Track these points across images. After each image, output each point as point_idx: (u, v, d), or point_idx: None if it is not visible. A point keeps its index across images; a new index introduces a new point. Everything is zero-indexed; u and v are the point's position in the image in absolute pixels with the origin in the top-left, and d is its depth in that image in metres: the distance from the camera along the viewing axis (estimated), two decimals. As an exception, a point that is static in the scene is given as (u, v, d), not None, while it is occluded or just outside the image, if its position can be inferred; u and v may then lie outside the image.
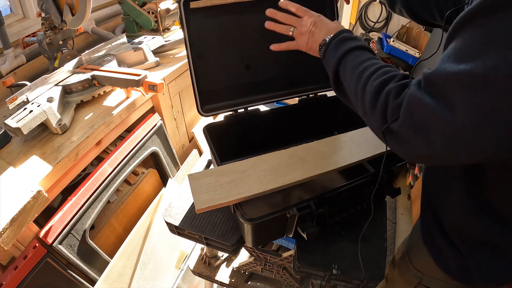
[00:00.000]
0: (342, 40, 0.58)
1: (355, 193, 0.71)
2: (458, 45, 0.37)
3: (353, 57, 0.55)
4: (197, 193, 0.62)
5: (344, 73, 0.56)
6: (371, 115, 0.47)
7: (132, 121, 1.25)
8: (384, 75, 0.47)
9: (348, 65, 0.55)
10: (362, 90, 0.49)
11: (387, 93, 0.44)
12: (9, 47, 1.29)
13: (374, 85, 0.47)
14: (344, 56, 0.56)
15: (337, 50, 0.58)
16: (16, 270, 0.85)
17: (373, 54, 0.56)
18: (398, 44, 2.11)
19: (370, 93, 0.47)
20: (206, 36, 0.79)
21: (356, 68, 0.53)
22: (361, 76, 0.51)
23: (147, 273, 1.25)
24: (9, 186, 0.83)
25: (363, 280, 0.68)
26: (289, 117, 0.95)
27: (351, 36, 0.59)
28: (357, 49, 0.56)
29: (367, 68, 0.51)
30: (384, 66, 0.51)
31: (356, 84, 0.51)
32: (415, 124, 0.39)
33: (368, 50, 0.57)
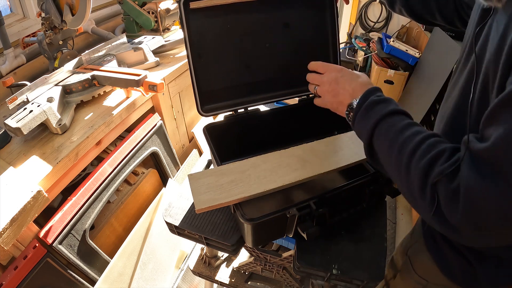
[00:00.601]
0: (371, 105, 0.51)
1: (355, 193, 0.71)
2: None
3: (389, 126, 0.48)
4: (197, 193, 0.62)
5: (380, 146, 0.49)
6: (421, 200, 0.42)
7: (132, 121, 1.25)
8: (430, 150, 0.42)
9: (384, 136, 0.48)
10: (406, 169, 0.43)
11: (437, 175, 0.39)
12: (9, 47, 1.29)
13: (421, 166, 0.41)
14: (377, 126, 0.49)
15: (368, 118, 0.51)
16: (16, 270, 0.85)
17: (409, 118, 0.49)
18: (398, 44, 2.11)
19: (416, 175, 0.41)
20: (206, 36, 0.79)
21: (394, 140, 0.46)
22: (403, 151, 0.44)
23: (147, 273, 1.25)
24: (9, 186, 0.83)
25: (363, 280, 0.68)
26: (289, 117, 0.95)
27: (380, 97, 0.52)
28: (391, 114, 0.49)
29: (409, 141, 0.44)
30: (428, 137, 0.44)
31: (397, 161, 0.45)
32: (478, 221, 0.36)
33: (404, 113, 0.50)
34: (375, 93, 0.53)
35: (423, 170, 0.41)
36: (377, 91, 0.54)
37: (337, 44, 0.91)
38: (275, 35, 0.86)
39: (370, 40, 2.42)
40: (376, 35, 2.45)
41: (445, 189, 0.38)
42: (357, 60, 2.47)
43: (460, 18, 0.68)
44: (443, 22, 0.72)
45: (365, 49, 2.37)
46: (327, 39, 0.91)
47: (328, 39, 0.91)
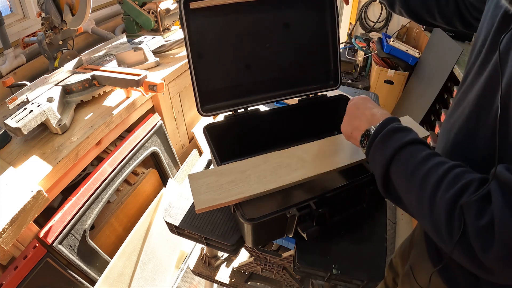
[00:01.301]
0: (391, 132, 0.48)
1: (355, 193, 0.71)
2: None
3: (409, 155, 0.45)
4: (197, 193, 0.62)
5: (399, 176, 0.46)
6: (447, 235, 0.39)
7: (132, 121, 1.25)
8: (457, 181, 0.39)
9: (404, 166, 0.45)
10: (430, 202, 0.40)
11: (463, 209, 0.37)
12: (9, 47, 1.29)
13: (447, 197, 0.38)
14: (396, 154, 0.46)
15: (386, 147, 0.47)
16: (16, 270, 0.85)
17: (430, 149, 0.46)
18: (398, 44, 2.11)
19: (442, 207, 0.39)
20: (206, 36, 0.79)
21: (416, 171, 0.43)
22: (427, 182, 0.41)
23: (147, 273, 1.25)
24: (9, 186, 0.83)
25: (363, 280, 0.68)
26: (289, 117, 0.95)
27: (400, 125, 0.49)
28: (412, 144, 0.46)
29: (433, 171, 0.41)
30: (453, 167, 0.41)
31: (419, 193, 0.42)
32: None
33: (425, 144, 0.47)
34: (395, 121, 0.51)
35: (450, 202, 0.38)
36: (397, 120, 0.52)
37: (337, 44, 0.91)
38: (275, 35, 0.86)
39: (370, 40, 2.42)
40: (376, 35, 2.45)
41: (474, 222, 0.35)
42: (357, 60, 2.47)
43: (461, 19, 0.68)
44: (443, 23, 0.71)
45: (365, 49, 2.37)
46: (327, 39, 0.91)
47: (328, 39, 0.91)
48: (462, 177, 0.39)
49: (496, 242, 0.34)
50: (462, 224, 0.37)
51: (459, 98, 0.55)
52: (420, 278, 0.65)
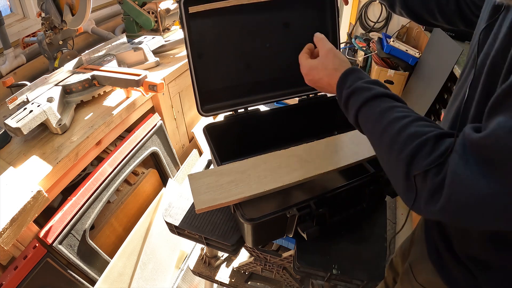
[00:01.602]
0: (347, 98, 0.52)
1: (355, 193, 0.71)
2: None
3: (369, 113, 0.48)
4: (197, 193, 0.62)
5: (365, 133, 0.49)
6: (404, 193, 0.41)
7: (132, 121, 1.25)
8: (409, 143, 0.40)
9: (365, 126, 0.49)
10: (388, 162, 0.43)
11: (422, 168, 0.38)
12: (9, 47, 1.29)
13: (402, 158, 0.40)
14: (358, 115, 0.50)
15: (348, 110, 0.52)
16: (16, 270, 0.85)
17: (392, 101, 0.48)
18: (398, 44, 2.11)
19: (400, 170, 0.40)
20: (206, 36, 0.79)
21: (372, 129, 0.46)
22: (382, 142, 0.44)
23: (147, 273, 1.25)
24: (9, 186, 0.83)
25: (363, 280, 0.68)
26: (289, 117, 0.95)
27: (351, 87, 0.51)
28: (374, 98, 0.48)
29: (387, 131, 0.43)
30: (406, 126, 0.42)
31: (378, 150, 0.46)
32: (462, 210, 0.34)
33: (387, 96, 0.49)
34: (345, 84, 0.53)
35: (405, 164, 0.39)
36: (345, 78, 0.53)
37: (338, 44, 0.91)
38: (275, 35, 0.86)
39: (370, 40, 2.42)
40: (376, 35, 2.45)
41: (431, 182, 0.37)
42: (357, 60, 2.47)
43: (462, 17, 0.67)
44: (444, 23, 0.71)
45: (365, 49, 2.37)
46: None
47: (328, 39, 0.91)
48: (416, 136, 0.40)
49: (444, 193, 0.35)
50: (415, 188, 0.38)
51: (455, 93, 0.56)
52: (419, 277, 0.65)
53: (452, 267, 0.55)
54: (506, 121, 0.31)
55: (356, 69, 0.54)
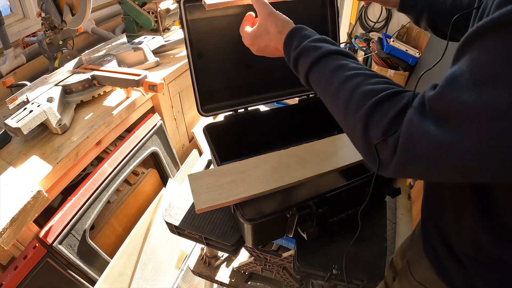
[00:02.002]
0: (295, 60, 0.50)
1: (355, 193, 0.71)
2: (472, 63, 0.31)
3: (319, 73, 0.47)
4: (197, 193, 0.62)
5: (317, 90, 0.48)
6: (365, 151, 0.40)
7: (132, 121, 1.25)
8: (370, 97, 0.39)
9: (316, 86, 0.48)
10: (345, 122, 0.42)
11: (380, 136, 0.37)
12: (9, 47, 1.29)
13: (358, 117, 0.39)
14: (308, 76, 0.48)
15: (297, 70, 0.50)
16: (16, 270, 0.85)
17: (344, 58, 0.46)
18: (398, 44, 2.11)
19: (358, 129, 0.39)
20: (206, 36, 0.79)
21: (326, 87, 0.45)
22: (336, 101, 0.43)
23: (147, 273, 1.25)
24: (9, 186, 0.83)
25: (363, 280, 0.68)
26: (289, 117, 0.95)
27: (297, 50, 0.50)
28: (325, 56, 0.47)
29: (340, 89, 0.42)
30: (359, 85, 0.41)
31: (333, 109, 0.45)
32: (415, 156, 0.34)
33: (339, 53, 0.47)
34: (291, 46, 0.51)
35: (362, 127, 0.38)
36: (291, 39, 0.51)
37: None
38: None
39: (370, 40, 2.42)
40: (376, 35, 2.45)
41: (391, 146, 0.36)
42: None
43: None
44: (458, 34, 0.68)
45: (365, 49, 2.37)
46: (327, 39, 0.91)
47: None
48: (371, 96, 0.39)
49: (401, 140, 0.34)
50: (377, 155, 0.38)
51: None
52: (416, 274, 0.65)
53: (448, 263, 0.55)
54: (453, 72, 0.32)
55: (300, 28, 0.52)
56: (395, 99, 0.38)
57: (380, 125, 0.37)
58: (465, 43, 0.32)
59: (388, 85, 0.40)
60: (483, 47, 0.30)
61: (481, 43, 0.30)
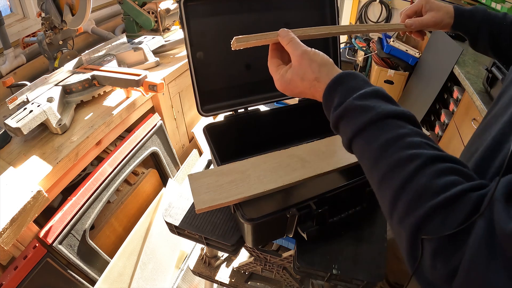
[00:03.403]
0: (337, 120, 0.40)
1: (355, 193, 0.71)
2: None
3: (367, 141, 0.36)
4: (197, 193, 0.62)
5: (361, 162, 0.39)
6: (407, 260, 0.31)
7: (132, 121, 1.25)
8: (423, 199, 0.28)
9: (361, 155, 0.38)
10: (391, 214, 0.33)
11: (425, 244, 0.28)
12: (9, 47, 1.29)
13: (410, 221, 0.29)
14: (352, 142, 0.39)
15: (341, 132, 0.41)
16: (16, 270, 0.85)
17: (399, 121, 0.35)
18: (398, 44, 2.11)
19: (404, 231, 0.30)
20: (206, 36, 0.79)
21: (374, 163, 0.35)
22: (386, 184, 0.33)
23: (147, 273, 1.25)
24: (9, 186, 0.83)
25: (363, 280, 0.68)
26: (289, 117, 0.95)
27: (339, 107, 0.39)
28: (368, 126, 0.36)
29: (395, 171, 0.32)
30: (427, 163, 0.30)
31: (379, 193, 0.36)
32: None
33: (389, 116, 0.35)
34: (332, 103, 0.41)
35: (412, 225, 0.29)
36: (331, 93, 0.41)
37: (337, 44, 0.91)
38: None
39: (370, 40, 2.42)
40: (376, 35, 2.45)
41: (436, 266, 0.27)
42: (357, 60, 2.47)
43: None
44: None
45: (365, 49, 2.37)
46: (327, 39, 0.91)
47: (328, 39, 0.91)
48: (428, 193, 0.28)
49: (455, 283, 0.26)
50: (420, 258, 0.29)
51: (495, 114, 0.46)
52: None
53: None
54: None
55: (344, 76, 0.41)
56: (458, 204, 0.27)
57: (432, 243, 0.27)
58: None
59: (453, 177, 0.29)
60: None
61: None
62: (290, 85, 0.47)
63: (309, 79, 0.44)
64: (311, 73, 0.44)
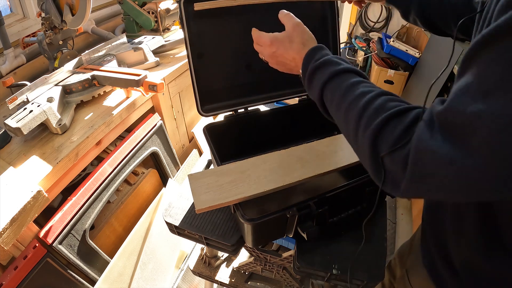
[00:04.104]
0: (312, 72, 0.51)
1: (355, 193, 0.71)
2: (480, 73, 0.30)
3: (333, 89, 0.47)
4: (197, 193, 0.62)
5: (330, 108, 0.49)
6: (373, 174, 0.41)
7: (132, 121, 1.25)
8: (375, 116, 0.39)
9: (330, 101, 0.48)
10: (355, 139, 0.42)
11: (387, 149, 0.37)
12: (9, 47, 1.29)
13: (367, 136, 0.39)
14: (323, 92, 0.49)
15: (313, 88, 0.51)
16: (16, 270, 0.85)
17: (358, 77, 0.47)
18: (398, 44, 2.11)
19: (366, 147, 0.40)
20: (206, 36, 0.79)
21: (340, 103, 0.45)
22: (348, 117, 0.43)
23: (147, 273, 1.25)
24: (9, 186, 0.83)
25: (363, 280, 0.68)
26: (289, 117, 0.95)
27: (317, 62, 0.51)
28: (336, 75, 0.48)
29: (353, 105, 0.43)
30: (372, 99, 0.41)
31: (345, 126, 0.45)
32: (425, 174, 0.33)
33: (353, 71, 0.48)
34: (313, 58, 0.52)
35: (370, 142, 0.38)
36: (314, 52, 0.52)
37: (338, 44, 0.91)
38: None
39: (370, 40, 2.42)
40: (376, 35, 2.45)
41: (398, 160, 0.36)
42: (357, 60, 2.47)
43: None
44: (462, 34, 0.67)
45: (365, 49, 2.37)
46: (327, 39, 0.91)
47: (329, 39, 0.91)
48: (382, 111, 0.39)
49: (410, 160, 0.34)
50: (384, 169, 0.38)
51: None
52: (414, 283, 0.65)
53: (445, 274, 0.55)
54: (460, 85, 0.32)
55: (323, 46, 0.54)
56: (404, 115, 0.38)
57: (389, 140, 0.37)
58: (471, 54, 0.31)
59: (398, 103, 0.40)
60: (490, 56, 0.29)
61: (488, 52, 0.29)
62: (278, 42, 0.57)
63: (297, 42, 0.55)
64: (300, 39, 0.55)
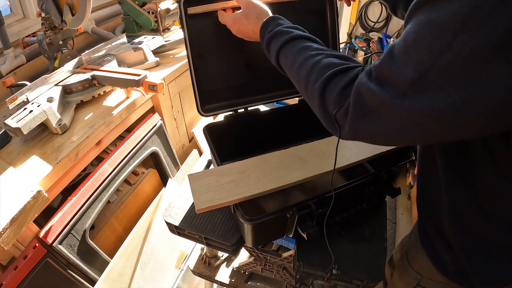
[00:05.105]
0: (269, 41, 0.58)
1: (355, 193, 0.71)
2: (407, 32, 0.36)
3: (286, 56, 0.55)
4: (197, 193, 0.62)
5: (285, 69, 0.56)
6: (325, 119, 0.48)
7: (132, 121, 1.25)
8: (323, 72, 0.46)
9: (284, 60, 0.55)
10: (306, 91, 0.49)
11: (334, 107, 0.44)
12: (9, 47, 1.29)
13: (316, 88, 0.46)
14: (278, 57, 0.56)
15: (270, 54, 0.59)
16: (16, 270, 0.85)
17: (309, 42, 0.55)
18: (398, 44, 2.11)
19: (315, 97, 0.46)
20: (206, 36, 0.79)
21: (292, 64, 0.52)
22: (299, 75, 0.50)
23: (147, 273, 1.25)
24: (9, 186, 0.83)
25: (363, 280, 0.68)
26: (289, 117, 0.95)
27: (271, 32, 0.58)
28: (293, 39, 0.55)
29: (303, 65, 0.50)
30: (320, 60, 0.48)
31: (298, 83, 0.52)
32: (364, 113, 0.40)
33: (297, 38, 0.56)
34: (266, 30, 0.59)
35: (319, 96, 0.45)
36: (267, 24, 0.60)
37: (337, 44, 0.91)
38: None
39: (370, 40, 2.42)
40: (376, 35, 2.45)
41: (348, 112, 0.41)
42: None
43: None
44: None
45: (365, 49, 2.37)
46: (327, 39, 0.91)
47: (328, 39, 0.91)
48: (330, 67, 0.45)
49: (351, 98, 0.40)
50: (337, 124, 0.45)
51: None
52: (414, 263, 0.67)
53: (442, 252, 0.57)
54: (393, 43, 0.38)
55: (277, 17, 0.61)
56: (348, 71, 0.44)
57: (333, 93, 0.43)
58: (406, 19, 0.37)
59: (346, 61, 0.46)
60: (415, 18, 0.35)
61: (415, 15, 0.35)
62: (237, 21, 0.69)
63: (252, 17, 0.65)
64: (254, 14, 0.65)
